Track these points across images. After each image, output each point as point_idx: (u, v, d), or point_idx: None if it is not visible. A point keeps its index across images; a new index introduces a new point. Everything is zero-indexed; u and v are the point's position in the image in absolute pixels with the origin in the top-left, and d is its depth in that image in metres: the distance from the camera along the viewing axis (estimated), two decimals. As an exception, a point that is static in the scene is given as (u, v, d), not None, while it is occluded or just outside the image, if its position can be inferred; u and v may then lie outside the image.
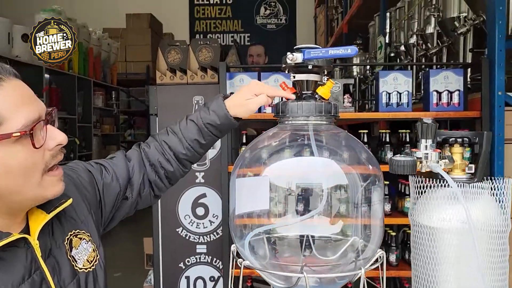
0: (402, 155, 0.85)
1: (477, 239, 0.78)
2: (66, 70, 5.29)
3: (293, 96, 0.90)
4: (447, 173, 0.88)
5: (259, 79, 2.27)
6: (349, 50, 0.77)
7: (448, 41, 2.87)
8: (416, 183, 0.91)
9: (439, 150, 0.87)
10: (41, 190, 0.74)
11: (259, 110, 2.29)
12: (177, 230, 2.58)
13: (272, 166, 0.83)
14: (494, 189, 0.86)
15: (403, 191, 2.31)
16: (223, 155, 2.28)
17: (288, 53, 0.86)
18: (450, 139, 0.90)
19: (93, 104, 6.04)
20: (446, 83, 2.21)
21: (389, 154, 2.24)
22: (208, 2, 9.11)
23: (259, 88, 0.96)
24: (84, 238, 0.84)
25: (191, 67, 2.56)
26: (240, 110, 0.97)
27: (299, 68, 0.87)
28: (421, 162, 0.85)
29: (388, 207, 2.25)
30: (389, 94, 2.24)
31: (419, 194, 0.91)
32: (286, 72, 0.92)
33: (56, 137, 0.74)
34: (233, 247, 0.89)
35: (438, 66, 2.72)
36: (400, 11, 3.93)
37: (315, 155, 0.82)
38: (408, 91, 2.23)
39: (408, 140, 2.26)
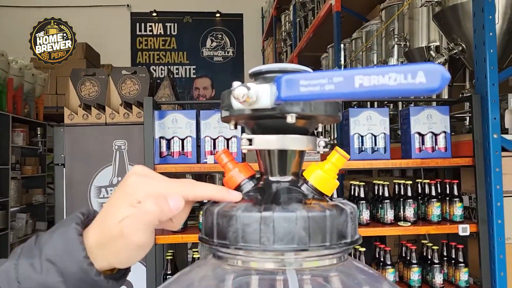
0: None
1: None
2: (-24, 104, 4.49)
3: (238, 197, 0.38)
4: None
5: (198, 120, 1.75)
6: (422, 78, 0.25)
7: (417, 74, 2.52)
8: None
9: None
10: None
11: (197, 158, 1.75)
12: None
13: None
14: None
15: (382, 258, 1.84)
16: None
17: (237, 84, 0.34)
18: None
19: (11, 142, 5.20)
20: (430, 123, 1.80)
21: (366, 214, 1.77)
22: (151, 33, 8.66)
23: (160, 186, 0.39)
24: None
25: (112, 103, 2.00)
26: (114, 251, 0.38)
27: (263, 120, 0.36)
28: None
29: (391, 276, 1.78)
30: (362, 137, 1.80)
31: None
32: (232, 127, 0.40)
33: None
34: None
35: (412, 103, 2.35)
36: (356, 42, 3.62)
37: None
38: (385, 133, 1.79)
39: (386, 194, 1.80)
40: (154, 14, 8.44)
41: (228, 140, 1.76)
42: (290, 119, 0.33)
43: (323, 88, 0.28)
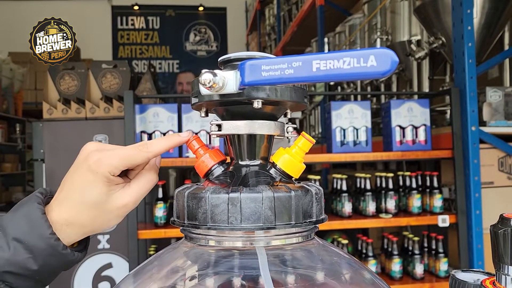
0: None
1: None
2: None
3: (188, 135, 0.40)
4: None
5: (180, 113, 1.74)
6: (373, 62, 0.26)
7: (399, 67, 2.55)
8: None
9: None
10: None
11: (179, 153, 1.74)
12: (73, 315, 1.91)
13: None
14: None
15: (364, 250, 1.86)
16: (130, 214, 1.69)
17: (204, 71, 0.34)
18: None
19: (-10, 139, 5.11)
20: (411, 117, 1.82)
21: (348, 206, 1.79)
22: (133, 27, 8.50)
23: (123, 153, 0.41)
24: None
25: (92, 97, 1.97)
26: (90, 221, 0.41)
27: (232, 106, 0.36)
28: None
29: (373, 268, 1.80)
30: (344, 130, 1.81)
31: None
32: (203, 114, 0.40)
33: None
34: None
35: (395, 97, 2.37)
36: (339, 36, 3.64)
37: None
38: (366, 127, 1.81)
39: (368, 187, 1.82)
40: (136, 7, 8.30)
41: (210, 133, 1.75)
42: (256, 104, 0.34)
43: (283, 72, 0.28)
